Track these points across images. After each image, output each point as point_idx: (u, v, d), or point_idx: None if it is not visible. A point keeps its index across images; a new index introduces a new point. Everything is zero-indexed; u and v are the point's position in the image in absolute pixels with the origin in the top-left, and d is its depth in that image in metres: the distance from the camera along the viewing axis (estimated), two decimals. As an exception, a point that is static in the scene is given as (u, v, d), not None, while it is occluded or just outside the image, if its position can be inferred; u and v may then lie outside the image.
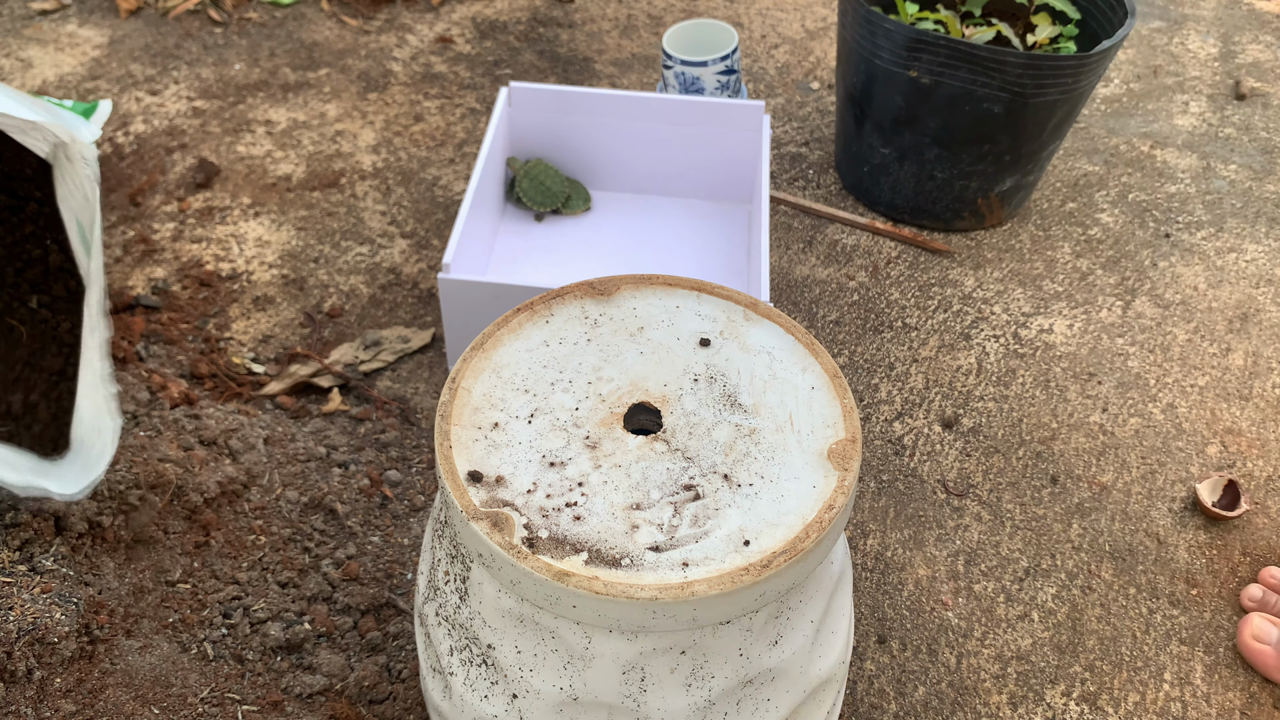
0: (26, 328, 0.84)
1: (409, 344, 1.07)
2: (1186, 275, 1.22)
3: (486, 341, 0.60)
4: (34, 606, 0.64)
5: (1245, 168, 1.39)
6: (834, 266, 1.21)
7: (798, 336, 0.61)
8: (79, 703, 0.64)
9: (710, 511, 0.52)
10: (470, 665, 0.56)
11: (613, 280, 0.64)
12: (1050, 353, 1.12)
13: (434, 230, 1.22)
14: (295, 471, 0.89)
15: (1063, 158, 1.39)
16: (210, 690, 0.71)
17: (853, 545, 0.92)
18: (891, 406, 1.05)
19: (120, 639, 0.69)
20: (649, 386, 0.58)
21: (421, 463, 0.96)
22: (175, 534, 0.77)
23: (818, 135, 1.41)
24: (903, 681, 0.83)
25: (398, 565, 0.86)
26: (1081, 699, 0.83)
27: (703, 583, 0.48)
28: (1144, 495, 0.98)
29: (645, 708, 0.52)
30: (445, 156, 1.34)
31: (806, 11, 1.67)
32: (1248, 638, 0.85)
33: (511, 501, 0.52)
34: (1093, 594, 0.90)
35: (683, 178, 1.21)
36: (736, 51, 1.23)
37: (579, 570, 0.49)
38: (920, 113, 1.15)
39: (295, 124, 1.37)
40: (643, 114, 1.16)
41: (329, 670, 0.75)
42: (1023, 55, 1.06)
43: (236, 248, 1.18)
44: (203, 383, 1.00)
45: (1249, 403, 1.07)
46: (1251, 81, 1.55)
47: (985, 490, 0.98)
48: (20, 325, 0.83)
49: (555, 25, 1.61)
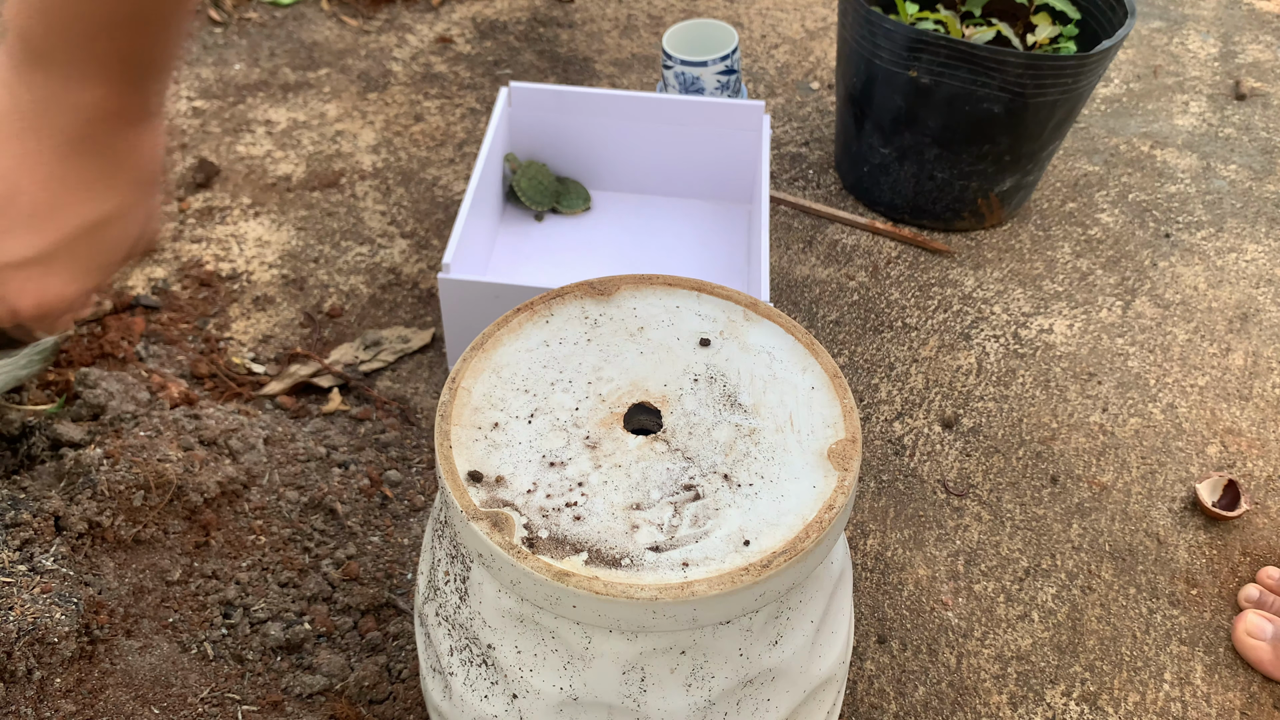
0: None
1: (409, 344, 1.07)
2: (1186, 275, 1.22)
3: (486, 341, 0.60)
4: (34, 606, 0.64)
5: (1245, 168, 1.39)
6: (834, 266, 1.21)
7: (798, 336, 0.61)
8: (79, 703, 0.64)
9: (710, 511, 0.52)
10: (470, 665, 0.56)
11: (613, 280, 0.64)
12: (1050, 353, 1.12)
13: (434, 230, 1.22)
14: (295, 471, 0.89)
15: (1063, 158, 1.39)
16: (210, 690, 0.71)
17: (853, 545, 0.92)
18: (891, 406, 1.05)
19: (120, 639, 0.69)
20: (649, 386, 0.58)
21: (421, 463, 0.96)
22: (175, 534, 0.77)
23: (818, 135, 1.41)
24: (903, 681, 0.83)
25: (398, 565, 0.86)
26: (1081, 699, 0.83)
27: (703, 583, 0.48)
28: (1144, 495, 0.98)
29: (645, 708, 0.52)
30: (445, 156, 1.34)
31: (806, 11, 1.67)
32: (1242, 633, 0.85)
33: (511, 501, 0.52)
34: (1093, 594, 0.90)
35: (683, 178, 1.21)
36: (736, 51, 1.23)
37: (579, 570, 0.49)
38: (920, 113, 1.15)
39: (295, 124, 1.37)
40: (643, 114, 1.16)
41: (329, 670, 0.75)
42: (1023, 55, 1.06)
43: (236, 248, 1.18)
44: (203, 383, 1.00)
45: (1249, 403, 1.07)
46: (1251, 81, 1.55)
47: (985, 490, 0.98)
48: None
49: (555, 25, 1.61)
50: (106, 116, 0.47)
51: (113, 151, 0.48)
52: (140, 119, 0.48)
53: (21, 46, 0.45)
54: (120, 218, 0.49)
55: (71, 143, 0.46)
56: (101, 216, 0.48)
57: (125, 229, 0.50)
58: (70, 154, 0.47)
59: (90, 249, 0.49)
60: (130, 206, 0.50)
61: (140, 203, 0.50)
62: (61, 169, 0.46)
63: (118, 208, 0.49)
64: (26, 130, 0.46)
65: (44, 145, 0.46)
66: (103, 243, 0.49)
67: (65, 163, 0.46)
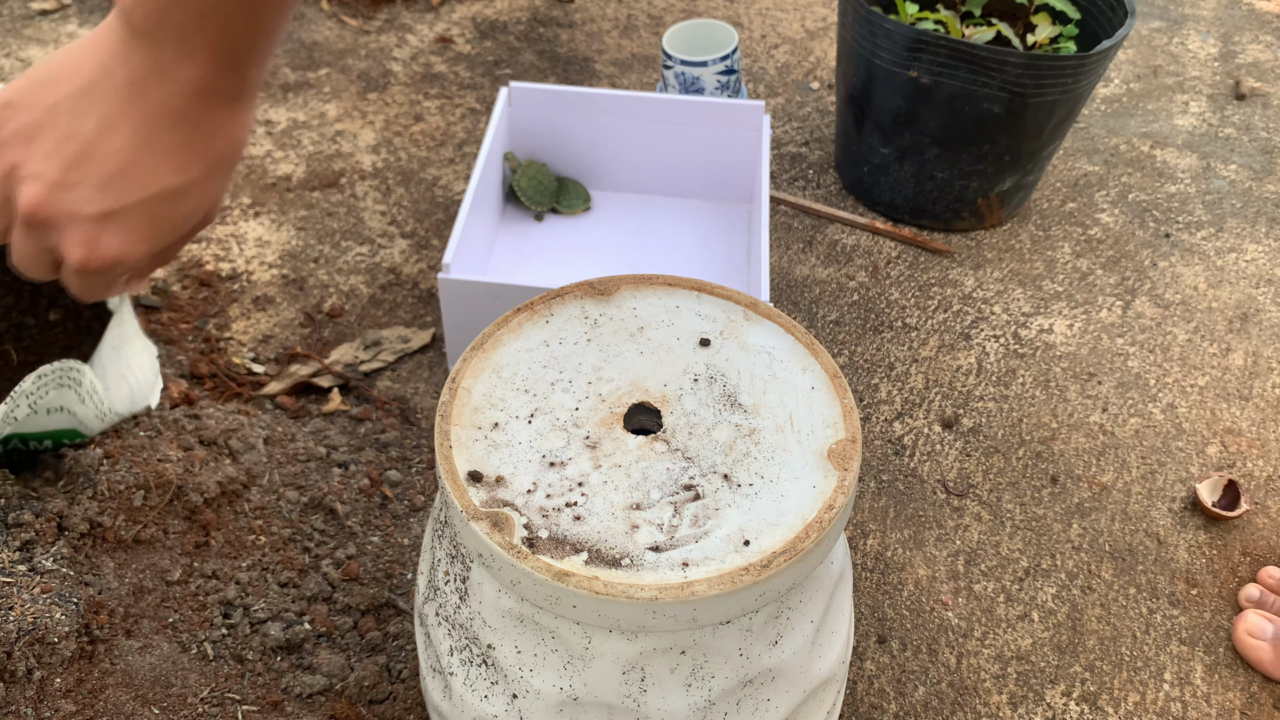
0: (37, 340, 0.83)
1: (409, 344, 1.07)
2: (1186, 275, 1.22)
3: (486, 341, 0.60)
4: (34, 606, 0.64)
5: (1245, 168, 1.39)
6: (834, 266, 1.21)
7: (798, 336, 0.61)
8: (79, 703, 0.64)
9: (710, 511, 0.52)
10: (470, 665, 0.56)
11: (613, 280, 0.64)
12: (1050, 353, 1.12)
13: (434, 230, 1.22)
14: (295, 471, 0.89)
15: (1063, 158, 1.39)
16: (210, 690, 0.71)
17: (853, 545, 0.92)
18: (891, 406, 1.05)
19: (120, 639, 0.69)
20: (649, 386, 0.58)
21: (421, 463, 0.96)
22: (175, 534, 0.77)
23: (818, 135, 1.41)
24: (903, 681, 0.83)
25: (398, 565, 0.86)
26: (1081, 699, 0.83)
27: (703, 583, 0.48)
28: (1144, 495, 0.98)
29: (645, 708, 0.52)
30: (445, 156, 1.34)
31: (806, 11, 1.67)
32: (1242, 633, 0.85)
33: (511, 501, 0.52)
34: (1093, 594, 0.90)
35: (683, 178, 1.21)
36: (736, 51, 1.23)
37: (579, 570, 0.49)
38: (920, 113, 1.15)
39: (295, 124, 1.37)
40: (643, 114, 1.16)
41: (329, 670, 0.75)
42: (1023, 55, 1.06)
43: (236, 248, 1.18)
44: (203, 383, 1.00)
45: (1249, 403, 1.07)
46: (1251, 81, 1.55)
47: (985, 490, 0.98)
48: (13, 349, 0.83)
49: (555, 25, 1.61)
50: (203, 93, 0.49)
51: (202, 127, 0.50)
52: (234, 99, 0.50)
53: (125, 22, 0.47)
54: (193, 192, 0.51)
55: (164, 113, 0.48)
56: (176, 187, 0.50)
57: (195, 203, 0.52)
58: (161, 124, 0.49)
59: (156, 216, 0.51)
60: (205, 182, 0.52)
61: (215, 180, 0.52)
62: (151, 136, 0.49)
63: (193, 181, 0.51)
64: (124, 96, 0.48)
65: (138, 112, 0.48)
66: (171, 213, 0.51)
67: (154, 131, 0.49)
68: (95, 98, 0.48)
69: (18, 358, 0.82)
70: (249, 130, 0.53)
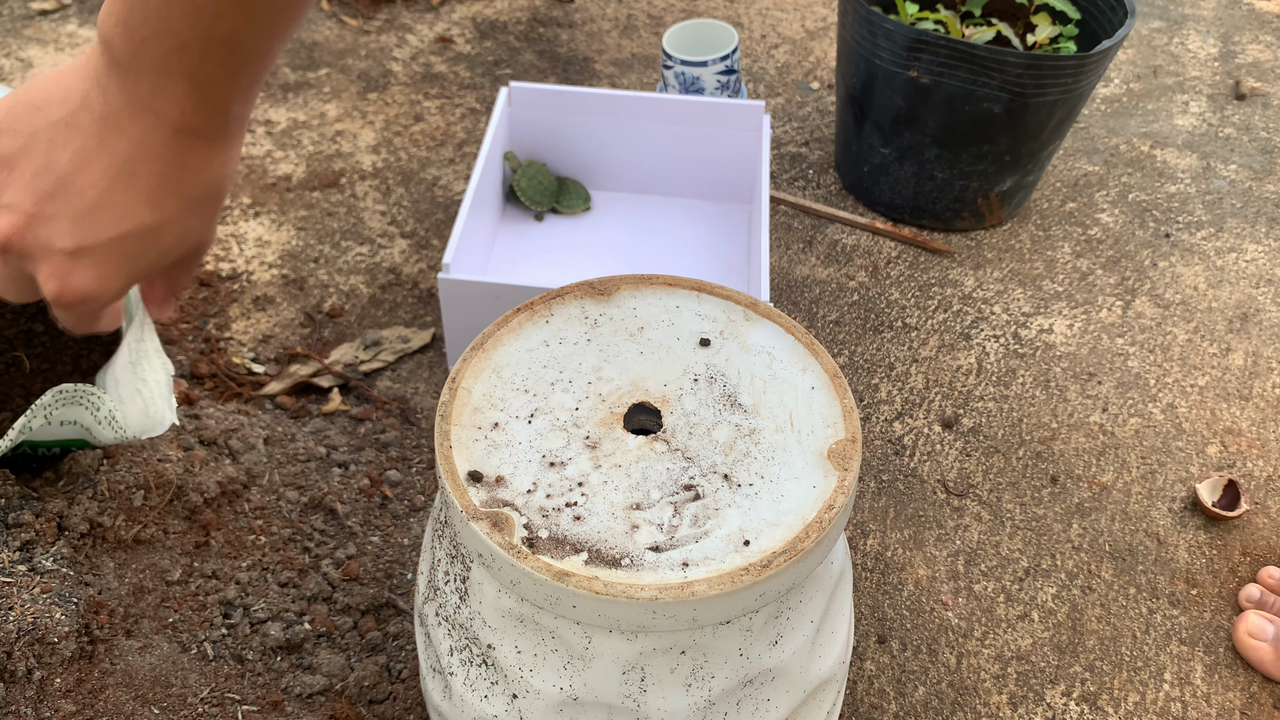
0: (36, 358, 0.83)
1: (409, 344, 1.07)
2: (1186, 275, 1.22)
3: (486, 341, 0.60)
4: (34, 606, 0.64)
5: (1245, 168, 1.39)
6: (834, 266, 1.21)
7: (798, 336, 0.61)
8: (79, 703, 0.64)
9: (710, 511, 0.52)
10: (470, 665, 0.56)
11: (613, 280, 0.64)
12: (1050, 353, 1.12)
13: (434, 230, 1.22)
14: (295, 471, 0.89)
15: (1063, 158, 1.39)
16: (210, 690, 0.71)
17: (853, 545, 0.92)
18: (891, 406, 1.05)
19: (120, 639, 0.69)
20: (649, 386, 0.58)
21: (421, 463, 0.96)
22: (175, 534, 0.77)
23: (818, 135, 1.41)
24: (903, 681, 0.83)
25: (398, 565, 0.86)
26: (1081, 699, 0.83)
27: (703, 583, 0.48)
28: (1144, 495, 0.98)
29: (645, 708, 0.52)
30: (445, 156, 1.34)
31: (806, 11, 1.67)
32: (1243, 634, 0.85)
33: (511, 501, 0.52)
34: (1093, 594, 0.90)
35: (683, 178, 1.21)
36: (736, 51, 1.23)
37: (579, 570, 0.49)
38: (920, 113, 1.15)
39: (295, 124, 1.37)
40: (643, 114, 1.16)
41: (329, 670, 0.75)
42: (1023, 55, 1.06)
43: (236, 248, 1.18)
44: (203, 383, 1.00)
45: (1249, 403, 1.07)
46: (1251, 81, 1.55)
47: (985, 490, 0.98)
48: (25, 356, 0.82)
49: (555, 25, 1.61)
50: (180, 131, 0.47)
51: (179, 167, 0.48)
52: (213, 139, 0.49)
53: (105, 50, 0.46)
54: (171, 228, 0.50)
55: (140, 150, 0.47)
56: (152, 224, 0.49)
57: (173, 239, 0.51)
58: (137, 160, 0.47)
59: (131, 254, 0.50)
60: (184, 218, 0.50)
61: (196, 216, 0.51)
62: (126, 171, 0.47)
63: (170, 218, 0.50)
64: (100, 130, 0.47)
65: (113, 147, 0.47)
66: (146, 250, 0.50)
67: (130, 166, 0.47)
68: (74, 129, 0.47)
69: (30, 364, 0.82)
70: (233, 168, 0.51)
